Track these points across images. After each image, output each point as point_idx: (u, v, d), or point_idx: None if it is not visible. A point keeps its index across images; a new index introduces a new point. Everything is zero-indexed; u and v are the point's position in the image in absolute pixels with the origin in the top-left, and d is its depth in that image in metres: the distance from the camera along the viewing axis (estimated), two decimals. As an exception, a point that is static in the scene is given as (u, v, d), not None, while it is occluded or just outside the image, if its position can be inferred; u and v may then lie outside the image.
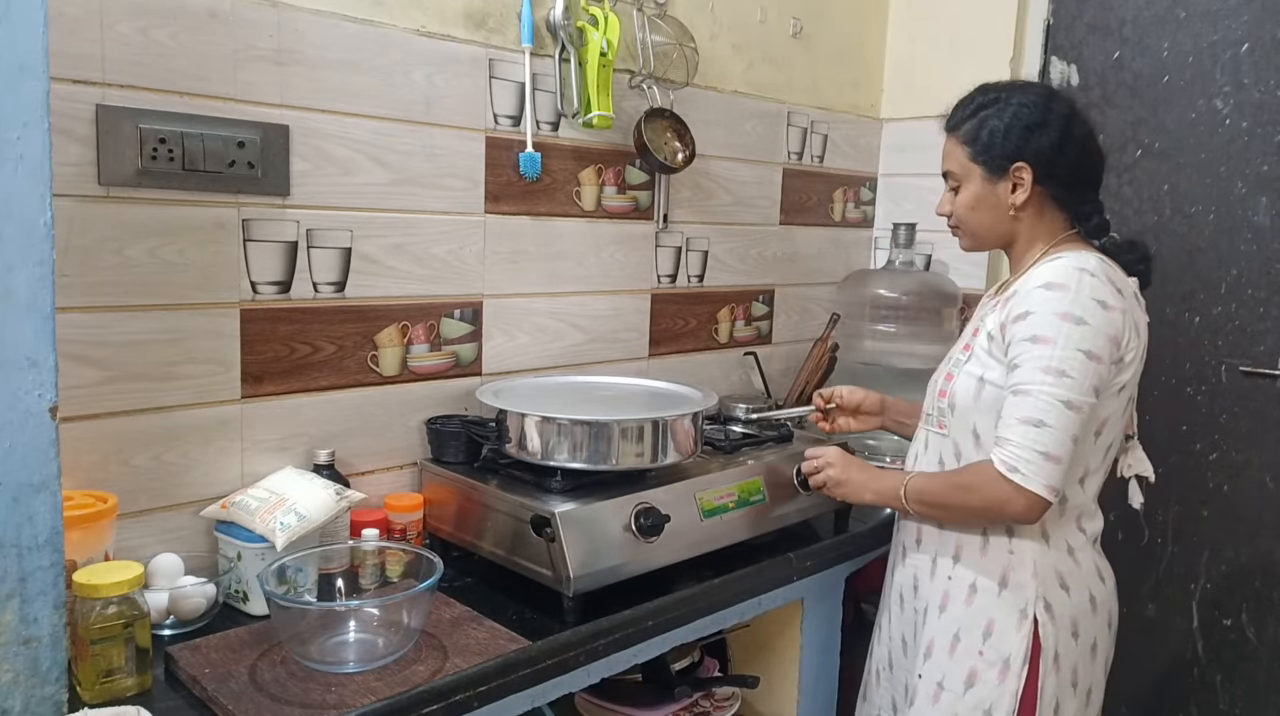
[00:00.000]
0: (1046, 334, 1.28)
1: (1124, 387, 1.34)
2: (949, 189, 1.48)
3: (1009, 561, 1.38)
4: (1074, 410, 1.27)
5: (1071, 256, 1.33)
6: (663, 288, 2.11)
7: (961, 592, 1.41)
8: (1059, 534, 1.38)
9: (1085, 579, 1.40)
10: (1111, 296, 1.30)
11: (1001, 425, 1.32)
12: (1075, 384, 1.26)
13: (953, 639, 1.41)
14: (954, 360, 1.47)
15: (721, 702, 1.84)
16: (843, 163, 2.51)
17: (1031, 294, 1.31)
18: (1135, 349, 1.33)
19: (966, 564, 1.41)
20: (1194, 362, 2.10)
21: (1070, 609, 1.37)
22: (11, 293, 0.84)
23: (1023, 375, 1.29)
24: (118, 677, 1.14)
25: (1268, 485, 2.02)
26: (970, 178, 1.43)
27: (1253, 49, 1.99)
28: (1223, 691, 2.11)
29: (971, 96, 1.46)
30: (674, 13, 2.00)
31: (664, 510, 1.47)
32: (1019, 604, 1.36)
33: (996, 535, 1.39)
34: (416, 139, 1.63)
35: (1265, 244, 2.00)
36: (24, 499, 0.87)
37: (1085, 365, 1.27)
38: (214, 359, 1.44)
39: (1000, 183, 1.41)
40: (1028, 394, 1.28)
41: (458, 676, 1.20)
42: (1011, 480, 1.28)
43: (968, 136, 1.43)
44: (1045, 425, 1.26)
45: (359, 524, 1.49)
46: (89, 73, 1.28)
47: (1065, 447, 1.27)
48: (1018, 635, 1.36)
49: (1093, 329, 1.27)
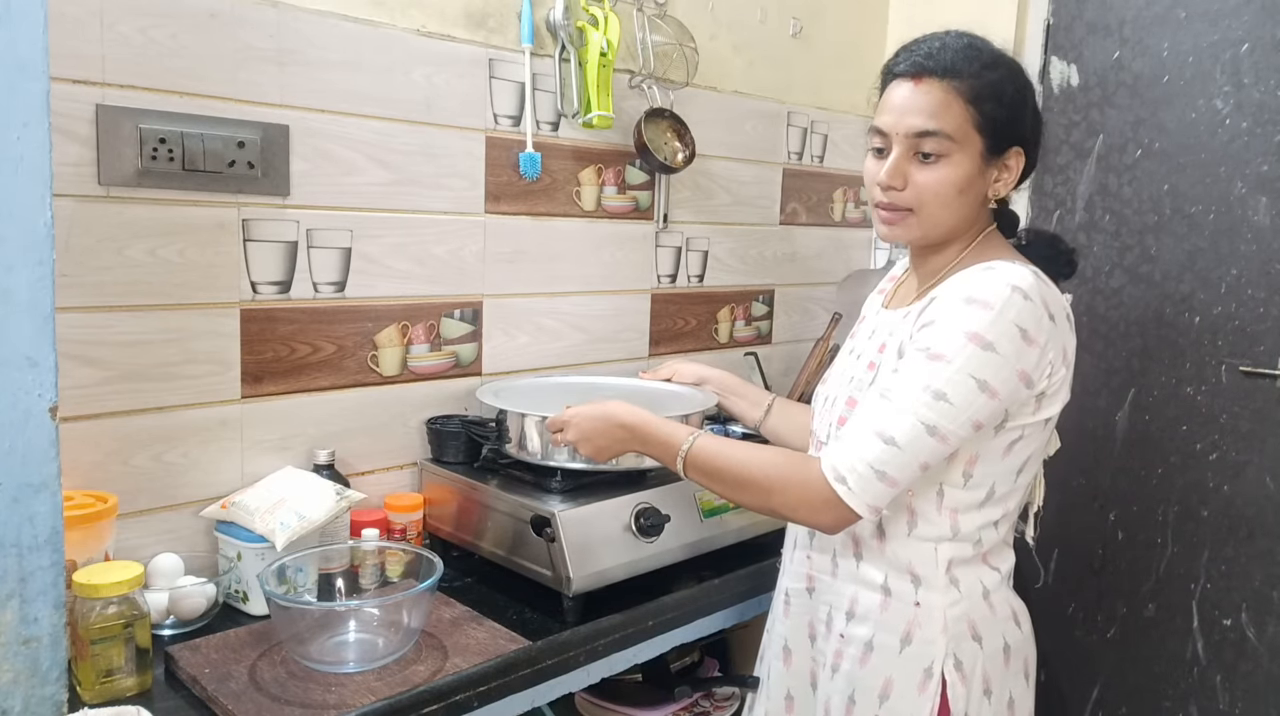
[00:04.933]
0: (945, 351, 1.08)
1: (1050, 421, 1.18)
2: (913, 155, 1.15)
3: (914, 616, 1.18)
4: (936, 438, 1.07)
5: (1005, 269, 1.10)
6: (663, 288, 2.11)
7: (856, 651, 1.21)
8: (971, 576, 1.19)
9: (1000, 625, 1.21)
10: (1037, 324, 1.08)
11: (851, 422, 1.13)
12: (950, 412, 1.07)
13: (848, 701, 1.21)
14: (854, 379, 1.23)
15: (721, 702, 1.84)
16: (843, 163, 2.51)
17: (949, 305, 1.10)
18: (1062, 379, 1.15)
19: (862, 621, 1.21)
20: (1194, 362, 2.10)
21: (982, 662, 1.19)
22: (11, 293, 0.84)
23: (896, 382, 1.10)
24: (118, 677, 1.14)
25: (1268, 485, 2.02)
26: (966, 149, 1.14)
27: (1253, 49, 1.99)
28: (1223, 691, 2.10)
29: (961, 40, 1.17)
30: (674, 13, 2.00)
31: (664, 510, 1.47)
32: (923, 662, 1.17)
33: (900, 585, 1.19)
34: (416, 139, 1.63)
35: (1265, 244, 1.99)
36: (24, 499, 0.87)
37: (972, 395, 1.07)
38: (214, 359, 1.44)
39: (990, 166, 1.16)
40: (890, 404, 1.09)
41: (458, 676, 1.20)
42: (834, 488, 1.09)
43: (976, 94, 1.13)
44: (895, 445, 1.07)
45: (359, 524, 1.49)
46: (89, 73, 1.28)
47: (908, 474, 1.09)
48: (920, 697, 1.17)
49: (1000, 359, 1.07)
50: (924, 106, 1.14)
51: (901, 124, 1.15)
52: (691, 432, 1.23)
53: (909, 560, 1.19)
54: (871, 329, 1.30)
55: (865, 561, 1.22)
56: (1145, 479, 2.17)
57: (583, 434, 1.32)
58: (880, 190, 1.18)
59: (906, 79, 1.16)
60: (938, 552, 1.18)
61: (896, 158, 1.15)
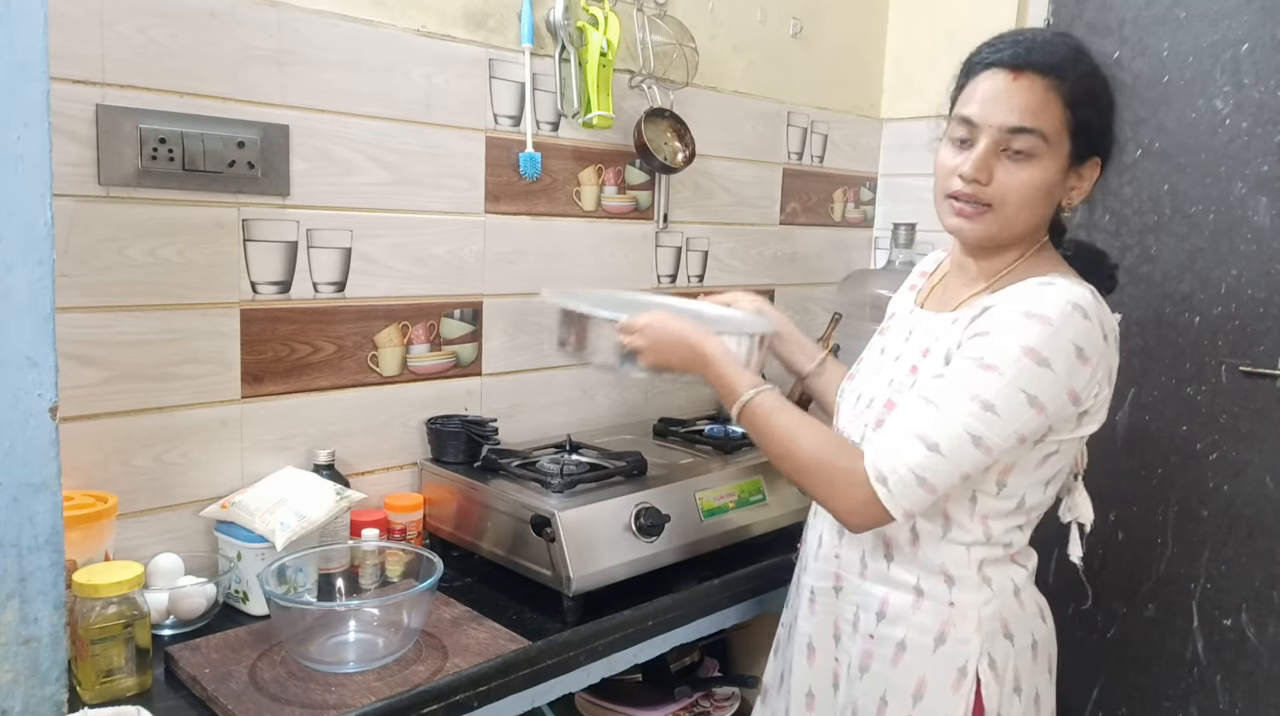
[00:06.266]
0: (998, 363, 1.06)
1: (1084, 437, 1.17)
2: (1000, 151, 1.10)
3: (948, 616, 1.17)
4: (980, 449, 1.06)
5: (1065, 285, 1.08)
6: (663, 288, 2.11)
7: (888, 652, 1.20)
8: (1002, 574, 1.19)
9: (1029, 621, 1.21)
10: (1093, 344, 1.07)
11: (892, 423, 1.10)
12: (998, 425, 1.05)
13: (879, 702, 1.20)
14: (893, 382, 1.20)
15: (721, 702, 1.84)
16: (843, 163, 2.51)
17: (1007, 316, 1.08)
18: (1104, 399, 1.13)
19: (894, 621, 1.20)
20: (1194, 362, 2.10)
21: (1014, 660, 1.19)
22: (11, 293, 0.84)
23: (943, 388, 1.08)
24: (118, 677, 1.14)
25: (1268, 485, 2.02)
26: (1055, 152, 1.10)
27: (1253, 49, 1.99)
28: (1223, 691, 2.10)
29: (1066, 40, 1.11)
30: (674, 13, 2.00)
31: (664, 510, 1.47)
32: (958, 661, 1.16)
33: (933, 585, 1.18)
34: (416, 139, 1.63)
35: (1265, 244, 1.99)
36: (24, 499, 0.87)
37: (1022, 410, 1.05)
38: (214, 359, 1.44)
39: (1071, 173, 1.13)
40: (938, 409, 1.07)
41: (458, 676, 1.20)
42: (874, 488, 1.08)
43: (1076, 97, 1.09)
44: (939, 452, 1.06)
45: (359, 524, 1.49)
46: (89, 73, 1.28)
47: (949, 482, 1.07)
48: (955, 696, 1.16)
49: (1053, 376, 1.05)
50: (1022, 103, 1.09)
51: (994, 117, 1.10)
52: (757, 385, 1.21)
53: (942, 562, 1.18)
54: (908, 329, 1.26)
55: (896, 563, 1.21)
56: (1145, 479, 2.17)
57: (651, 342, 1.29)
58: (962, 182, 1.13)
59: (1003, 70, 1.11)
60: (970, 554, 1.18)
61: (983, 150, 1.11)
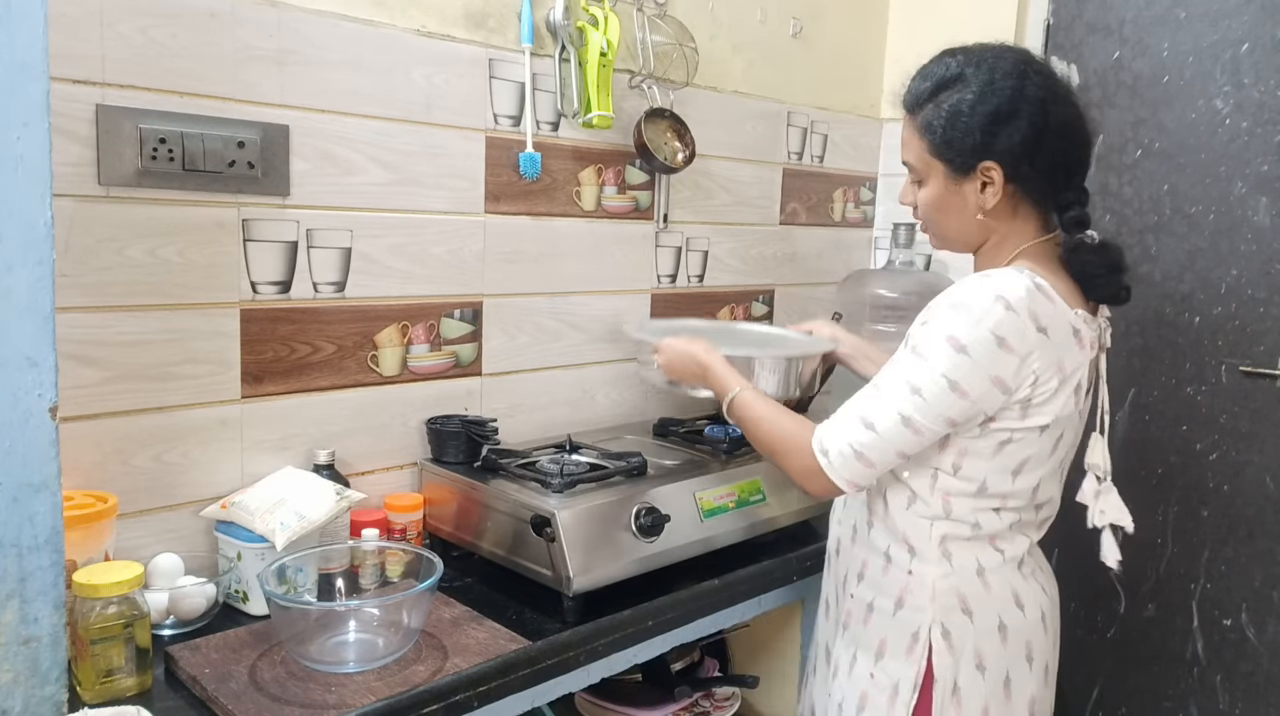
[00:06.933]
0: (926, 350, 1.17)
1: (1046, 428, 1.21)
2: (911, 180, 1.30)
3: (906, 583, 1.28)
4: (910, 429, 1.18)
5: (1000, 277, 1.17)
6: (663, 288, 2.11)
7: (860, 611, 1.33)
8: (966, 553, 1.26)
9: (995, 603, 1.26)
10: (1019, 335, 1.14)
11: (843, 405, 1.25)
12: (925, 407, 1.17)
13: (851, 659, 1.33)
14: None
15: (721, 702, 1.84)
16: (843, 163, 2.51)
17: (938, 307, 1.19)
18: (1053, 390, 1.19)
19: (868, 583, 1.33)
20: (1194, 362, 2.10)
21: (974, 637, 1.25)
22: (11, 293, 0.84)
23: (885, 374, 1.22)
24: (118, 677, 1.14)
25: (1268, 485, 2.02)
26: (932, 174, 1.25)
27: (1253, 49, 1.99)
28: (1223, 691, 2.11)
29: (931, 68, 1.25)
30: (674, 13, 2.00)
31: (664, 510, 1.47)
32: (911, 627, 1.26)
33: (899, 553, 1.29)
34: (416, 139, 1.63)
35: (1265, 244, 2.00)
36: (24, 499, 0.86)
37: (944, 394, 1.16)
38: (214, 359, 1.44)
39: (966, 182, 1.23)
40: (878, 393, 1.21)
41: (458, 676, 1.20)
42: (817, 459, 1.22)
43: (926, 125, 1.23)
44: (874, 431, 1.19)
45: (359, 524, 1.49)
46: (89, 73, 1.28)
47: (884, 458, 1.20)
48: (907, 659, 1.26)
49: (971, 363, 1.14)
50: (903, 140, 1.29)
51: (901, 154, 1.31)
52: (741, 384, 1.39)
53: (905, 531, 1.29)
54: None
55: (875, 528, 1.33)
56: (1145, 479, 2.17)
57: (668, 360, 1.52)
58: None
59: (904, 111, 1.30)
60: (932, 528, 1.27)
61: (905, 183, 1.33)
